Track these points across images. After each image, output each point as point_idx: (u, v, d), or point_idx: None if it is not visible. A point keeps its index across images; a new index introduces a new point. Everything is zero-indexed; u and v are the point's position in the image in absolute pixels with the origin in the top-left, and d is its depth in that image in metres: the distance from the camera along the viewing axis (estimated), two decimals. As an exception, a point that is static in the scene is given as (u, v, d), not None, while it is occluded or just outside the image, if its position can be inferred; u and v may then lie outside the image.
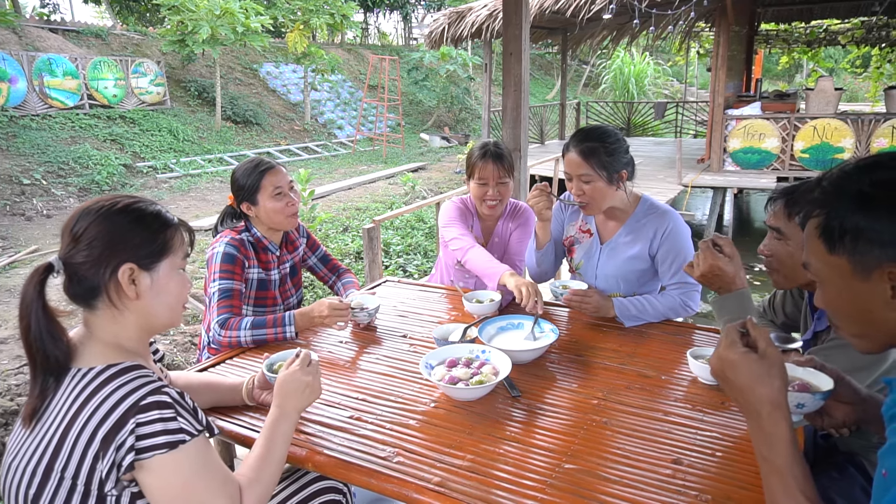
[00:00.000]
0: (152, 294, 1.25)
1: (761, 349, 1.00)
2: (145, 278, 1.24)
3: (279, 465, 1.31)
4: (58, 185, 9.47)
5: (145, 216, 1.26)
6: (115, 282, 1.20)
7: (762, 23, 13.97)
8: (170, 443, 1.10)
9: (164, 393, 1.12)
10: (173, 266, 1.28)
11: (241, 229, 2.27)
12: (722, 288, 1.55)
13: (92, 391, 1.11)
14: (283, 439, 1.34)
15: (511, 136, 4.25)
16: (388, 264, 6.72)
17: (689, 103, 17.50)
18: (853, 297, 0.93)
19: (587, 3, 9.42)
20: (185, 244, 1.33)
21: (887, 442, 0.91)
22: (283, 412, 1.36)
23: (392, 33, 28.61)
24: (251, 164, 2.27)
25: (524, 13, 3.98)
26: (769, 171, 9.42)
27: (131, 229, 1.23)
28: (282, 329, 2.06)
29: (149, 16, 18.57)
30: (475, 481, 1.31)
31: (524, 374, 1.80)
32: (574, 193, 2.18)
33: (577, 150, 2.13)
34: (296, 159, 13.92)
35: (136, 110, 12.67)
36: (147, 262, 1.24)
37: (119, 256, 1.20)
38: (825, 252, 0.94)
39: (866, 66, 21.03)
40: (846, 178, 0.93)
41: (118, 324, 1.23)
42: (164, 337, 4.63)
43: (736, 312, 1.51)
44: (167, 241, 1.27)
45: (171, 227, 1.29)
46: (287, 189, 2.27)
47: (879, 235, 0.86)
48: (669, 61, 26.29)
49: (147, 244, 1.24)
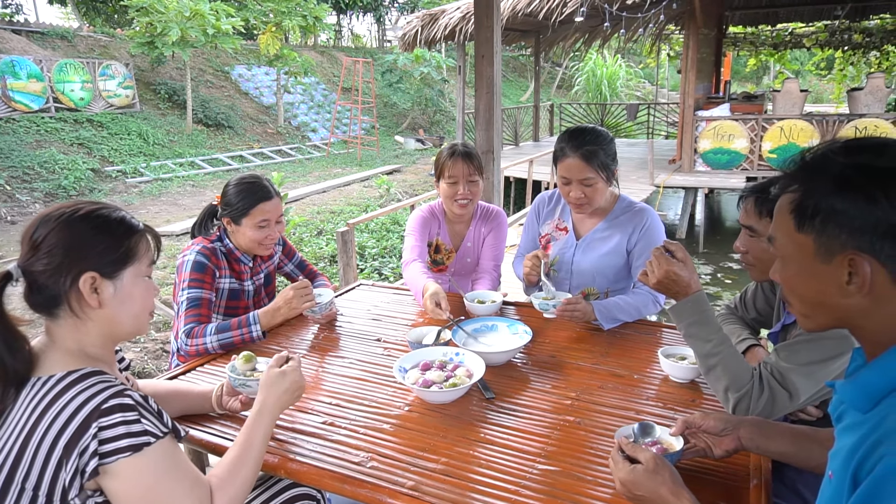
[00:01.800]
0: (116, 303, 1.21)
1: (643, 459, 1.16)
2: (108, 287, 1.20)
3: (255, 467, 1.29)
4: (23, 191, 9.24)
5: (108, 223, 1.22)
6: (76, 291, 1.17)
7: (730, 26, 14.25)
8: (133, 445, 1.07)
9: (126, 396, 1.10)
10: (138, 274, 1.25)
11: (214, 238, 2.23)
12: (679, 293, 1.55)
13: (52, 398, 1.09)
14: (261, 438, 1.32)
15: (484, 138, 4.27)
16: (362, 267, 6.69)
17: (661, 105, 17.77)
18: (810, 277, 0.92)
19: (559, 5, 9.51)
20: (150, 251, 1.29)
21: (835, 444, 0.92)
22: (265, 408, 1.35)
23: (366, 35, 28.52)
24: (250, 184, 2.18)
25: (495, 16, 4.00)
26: (739, 171, 9.60)
27: (93, 237, 1.19)
28: (248, 329, 2.03)
29: (116, 17, 18.20)
30: (450, 484, 1.30)
31: (498, 375, 1.81)
32: (574, 196, 2.18)
33: (579, 154, 2.12)
34: (269, 162, 13.78)
35: (104, 113, 12.41)
36: (110, 271, 1.20)
37: (80, 265, 1.17)
38: (793, 228, 0.92)
39: (830, 69, 21.58)
40: (830, 157, 0.90)
41: (81, 332, 1.20)
42: (134, 344, 4.55)
43: (695, 315, 1.53)
44: (131, 249, 1.24)
45: (136, 234, 1.25)
46: (274, 221, 2.22)
47: (851, 221, 0.85)
48: (641, 63, 26.66)
49: (110, 252, 1.20)
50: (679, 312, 1.56)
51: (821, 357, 1.43)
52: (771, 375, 1.45)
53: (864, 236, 0.84)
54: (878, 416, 0.84)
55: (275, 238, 2.25)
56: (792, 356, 1.45)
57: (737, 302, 2.03)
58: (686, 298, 1.55)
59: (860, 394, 0.88)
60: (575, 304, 2.06)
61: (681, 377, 1.75)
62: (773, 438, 1.26)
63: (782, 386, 1.43)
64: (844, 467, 0.84)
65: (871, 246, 0.84)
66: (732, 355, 1.49)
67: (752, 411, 1.43)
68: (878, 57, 16.12)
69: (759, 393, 1.43)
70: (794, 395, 1.42)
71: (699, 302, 1.54)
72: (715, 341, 1.50)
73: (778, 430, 1.28)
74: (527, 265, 2.28)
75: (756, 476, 1.31)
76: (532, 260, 2.26)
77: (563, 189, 2.22)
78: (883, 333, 0.88)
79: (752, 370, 1.48)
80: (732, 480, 1.31)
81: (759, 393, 1.43)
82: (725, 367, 1.47)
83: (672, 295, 1.58)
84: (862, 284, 0.86)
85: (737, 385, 1.45)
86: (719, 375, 1.48)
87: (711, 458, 1.31)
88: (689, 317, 1.54)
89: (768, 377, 1.45)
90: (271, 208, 2.19)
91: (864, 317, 0.89)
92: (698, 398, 1.67)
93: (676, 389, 1.72)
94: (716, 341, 1.50)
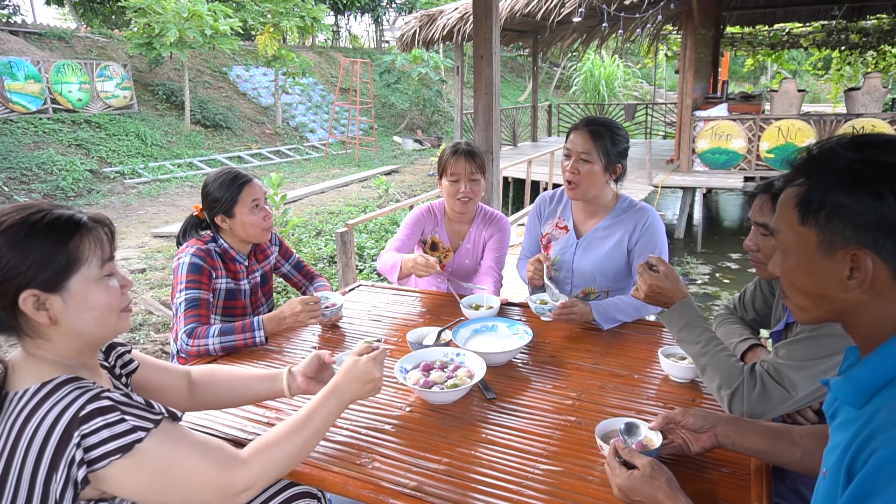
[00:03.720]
0: (71, 315, 1.10)
1: (640, 465, 1.18)
2: (55, 301, 1.08)
3: (304, 446, 1.24)
4: (21, 192, 9.23)
5: (37, 231, 1.07)
6: (19, 312, 1.07)
7: (727, 26, 14.27)
8: (122, 446, 1.03)
9: (103, 398, 1.04)
10: (88, 278, 1.12)
11: (208, 239, 2.24)
12: (668, 303, 1.64)
13: (27, 415, 1.03)
14: (322, 418, 1.28)
15: (483, 139, 4.27)
16: (361, 268, 6.69)
17: (659, 105, 17.79)
18: (811, 270, 0.92)
19: (557, 6, 9.51)
20: (101, 247, 1.14)
21: (830, 441, 0.93)
22: (337, 392, 1.32)
23: (363, 36, 28.53)
24: (227, 175, 2.22)
25: (494, 16, 4.00)
26: (736, 171, 9.62)
27: (21, 250, 1.05)
28: (251, 334, 2.04)
29: (114, 18, 18.18)
30: (451, 485, 1.31)
31: (499, 376, 1.81)
32: (569, 171, 2.22)
33: (588, 129, 2.19)
34: (267, 163, 13.77)
35: (102, 114, 12.40)
36: (52, 284, 1.08)
37: (12, 284, 1.05)
38: (796, 222, 0.92)
39: (828, 69, 21.61)
40: (838, 151, 0.89)
41: (49, 347, 1.12)
42: (133, 345, 4.54)
43: (682, 320, 1.60)
44: (72, 254, 1.10)
45: (75, 236, 1.10)
46: (263, 201, 2.26)
47: (856, 216, 0.85)
48: (639, 63, 26.69)
49: (46, 264, 1.07)
50: (668, 319, 1.64)
51: (819, 354, 1.43)
52: (766, 372, 1.46)
53: (868, 232, 0.84)
54: (871, 410, 0.85)
55: (271, 218, 2.29)
56: (789, 353, 1.46)
57: (736, 302, 2.03)
58: (673, 306, 1.62)
59: (853, 390, 0.89)
60: (571, 308, 2.07)
61: (681, 377, 1.75)
62: (747, 435, 1.29)
63: (777, 382, 1.44)
64: (838, 464, 0.85)
65: (874, 242, 0.84)
66: (720, 352, 1.53)
67: (747, 408, 1.44)
68: (875, 57, 16.16)
69: (750, 388, 1.44)
70: (790, 391, 1.42)
71: (685, 307, 1.62)
72: (702, 342, 1.55)
73: (753, 427, 1.30)
74: (529, 269, 2.29)
75: (757, 476, 1.31)
76: (534, 264, 2.27)
77: (563, 165, 2.26)
78: (877, 328, 0.89)
79: (742, 366, 1.50)
80: (733, 481, 1.32)
81: (750, 388, 1.44)
82: (715, 365, 1.51)
83: (662, 305, 1.66)
84: (863, 280, 0.86)
85: (728, 382, 1.47)
86: (712, 375, 1.51)
87: (689, 454, 1.33)
88: (677, 322, 1.61)
89: (762, 373, 1.46)
90: (257, 187, 2.24)
91: (861, 311, 0.89)
92: (698, 397, 1.68)
93: (676, 389, 1.73)
94: (703, 342, 1.55)
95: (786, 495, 1.57)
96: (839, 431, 0.91)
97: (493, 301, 2.26)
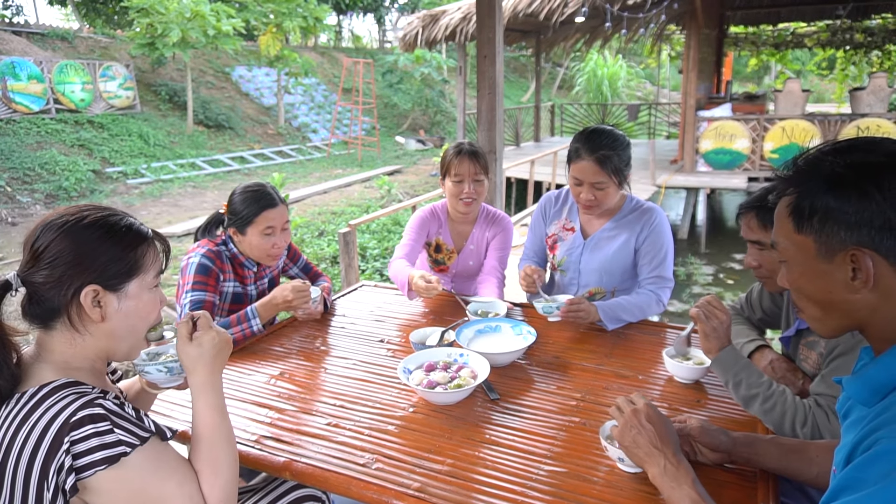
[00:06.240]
0: (119, 317, 1.16)
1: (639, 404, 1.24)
2: (112, 300, 1.15)
3: (231, 446, 1.20)
4: (23, 192, 9.25)
5: (114, 231, 1.15)
6: (76, 304, 1.11)
7: (731, 25, 14.26)
8: (108, 458, 1.02)
9: (96, 405, 1.04)
10: (143, 285, 1.19)
11: (220, 241, 2.23)
12: (717, 348, 1.56)
13: (24, 416, 1.04)
14: (218, 416, 1.20)
15: (486, 139, 4.26)
16: (364, 268, 6.68)
17: (662, 105, 17.78)
18: (815, 277, 0.94)
19: (560, 6, 9.51)
20: (158, 260, 1.23)
21: (841, 440, 0.94)
22: (200, 388, 1.21)
23: (366, 36, 28.58)
24: (255, 192, 2.18)
25: (497, 16, 3.99)
26: (740, 171, 9.59)
27: (98, 247, 1.13)
28: (248, 324, 2.05)
29: (117, 18, 18.19)
30: (455, 486, 1.30)
31: (502, 376, 1.80)
32: (584, 198, 2.18)
33: (593, 157, 2.10)
34: (270, 163, 13.78)
35: (104, 115, 12.43)
36: (114, 283, 1.14)
37: (83, 277, 1.11)
38: (793, 231, 0.95)
39: (832, 68, 21.58)
40: (821, 158, 0.93)
41: (74, 346, 1.14)
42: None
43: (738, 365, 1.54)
44: (138, 260, 1.18)
45: (143, 244, 1.19)
46: (279, 228, 2.20)
47: (847, 217, 0.87)
48: (642, 63, 26.66)
49: (115, 263, 1.14)
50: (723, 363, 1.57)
51: None
52: (827, 404, 1.42)
53: (863, 231, 0.87)
54: (881, 407, 0.87)
55: (282, 247, 2.23)
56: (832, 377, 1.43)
57: (743, 302, 2.02)
58: (723, 351, 1.55)
59: (866, 388, 0.91)
60: (578, 305, 2.05)
61: (685, 377, 1.74)
62: (762, 456, 1.30)
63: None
64: (846, 460, 0.87)
65: (870, 240, 0.86)
66: (783, 393, 1.47)
67: (824, 437, 1.40)
68: (880, 56, 16.11)
69: (825, 423, 1.39)
70: None
71: (736, 356, 1.55)
72: (765, 384, 1.49)
73: (767, 448, 1.31)
74: (522, 284, 2.29)
75: (763, 477, 1.30)
76: (526, 280, 2.27)
77: (573, 189, 2.22)
78: (890, 329, 0.90)
79: (806, 404, 1.45)
80: (740, 481, 1.31)
81: (825, 423, 1.39)
82: (784, 404, 1.45)
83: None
84: (866, 279, 0.88)
85: (801, 421, 1.41)
86: (782, 412, 1.45)
87: (694, 459, 1.33)
88: (733, 365, 1.55)
89: (827, 406, 1.41)
90: (276, 215, 2.18)
91: (873, 313, 0.91)
92: (703, 398, 1.67)
93: (681, 390, 1.72)
94: (766, 384, 1.49)
95: (793, 495, 1.56)
96: (850, 430, 0.92)
97: (500, 308, 2.25)
